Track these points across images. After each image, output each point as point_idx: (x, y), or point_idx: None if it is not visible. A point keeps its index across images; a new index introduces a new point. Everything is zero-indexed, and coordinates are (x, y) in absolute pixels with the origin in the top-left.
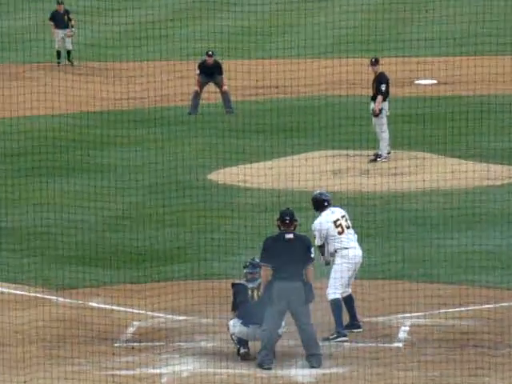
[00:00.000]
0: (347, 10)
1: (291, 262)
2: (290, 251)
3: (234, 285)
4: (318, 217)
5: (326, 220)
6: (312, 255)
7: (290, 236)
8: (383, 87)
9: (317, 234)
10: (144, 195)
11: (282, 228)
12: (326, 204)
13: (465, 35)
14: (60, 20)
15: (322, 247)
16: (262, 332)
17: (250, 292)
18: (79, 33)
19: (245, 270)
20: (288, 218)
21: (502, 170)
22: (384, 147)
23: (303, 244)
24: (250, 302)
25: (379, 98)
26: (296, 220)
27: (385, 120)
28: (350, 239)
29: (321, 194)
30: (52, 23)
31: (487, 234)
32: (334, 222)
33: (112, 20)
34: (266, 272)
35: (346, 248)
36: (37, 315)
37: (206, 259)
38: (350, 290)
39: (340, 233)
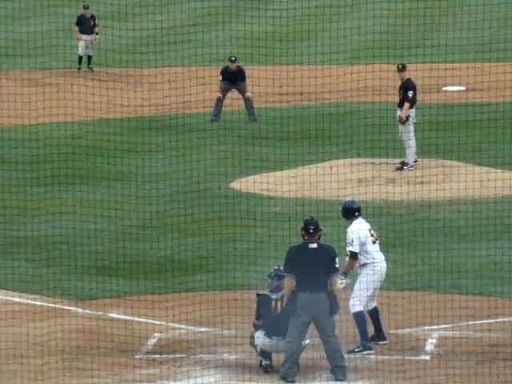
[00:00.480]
0: (373, 15)
1: (315, 272)
2: (314, 261)
3: (258, 295)
4: (350, 224)
5: (364, 227)
6: (337, 265)
7: (314, 246)
8: (410, 94)
9: (355, 240)
10: (165, 204)
11: (305, 237)
12: (357, 213)
13: (494, 41)
14: (86, 25)
15: (354, 258)
16: (286, 344)
17: (273, 303)
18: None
19: (269, 281)
20: (312, 228)
21: None
22: (411, 155)
23: (328, 254)
24: (274, 313)
25: (406, 105)
26: (320, 229)
27: (412, 127)
28: (378, 251)
29: (353, 202)
30: (77, 28)
31: None
32: (369, 230)
33: (133, 25)
34: (289, 282)
35: (374, 262)
36: (55, 326)
37: (229, 269)
38: (375, 303)
39: (374, 242)
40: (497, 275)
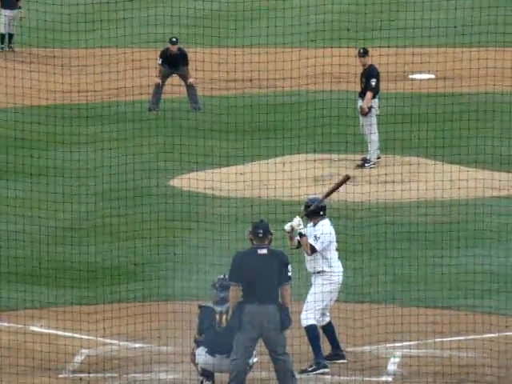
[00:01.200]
0: None
1: (264, 281)
2: (264, 269)
3: (200, 307)
4: (315, 224)
5: (333, 232)
6: (289, 274)
7: (264, 251)
8: (373, 82)
9: (324, 241)
10: (96, 203)
11: (254, 242)
12: (321, 212)
13: (467, 23)
14: None
15: (313, 252)
16: (231, 362)
17: (217, 316)
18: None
19: (213, 291)
20: (261, 232)
21: (508, 179)
22: (373, 151)
23: (279, 261)
24: (218, 327)
25: (368, 94)
26: (271, 233)
27: (374, 120)
28: (337, 260)
29: (318, 199)
30: None
31: (490, 252)
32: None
33: (61, 0)
34: (235, 293)
35: (332, 271)
36: None
37: (167, 277)
38: (329, 318)
39: (337, 249)
40: (468, 287)
